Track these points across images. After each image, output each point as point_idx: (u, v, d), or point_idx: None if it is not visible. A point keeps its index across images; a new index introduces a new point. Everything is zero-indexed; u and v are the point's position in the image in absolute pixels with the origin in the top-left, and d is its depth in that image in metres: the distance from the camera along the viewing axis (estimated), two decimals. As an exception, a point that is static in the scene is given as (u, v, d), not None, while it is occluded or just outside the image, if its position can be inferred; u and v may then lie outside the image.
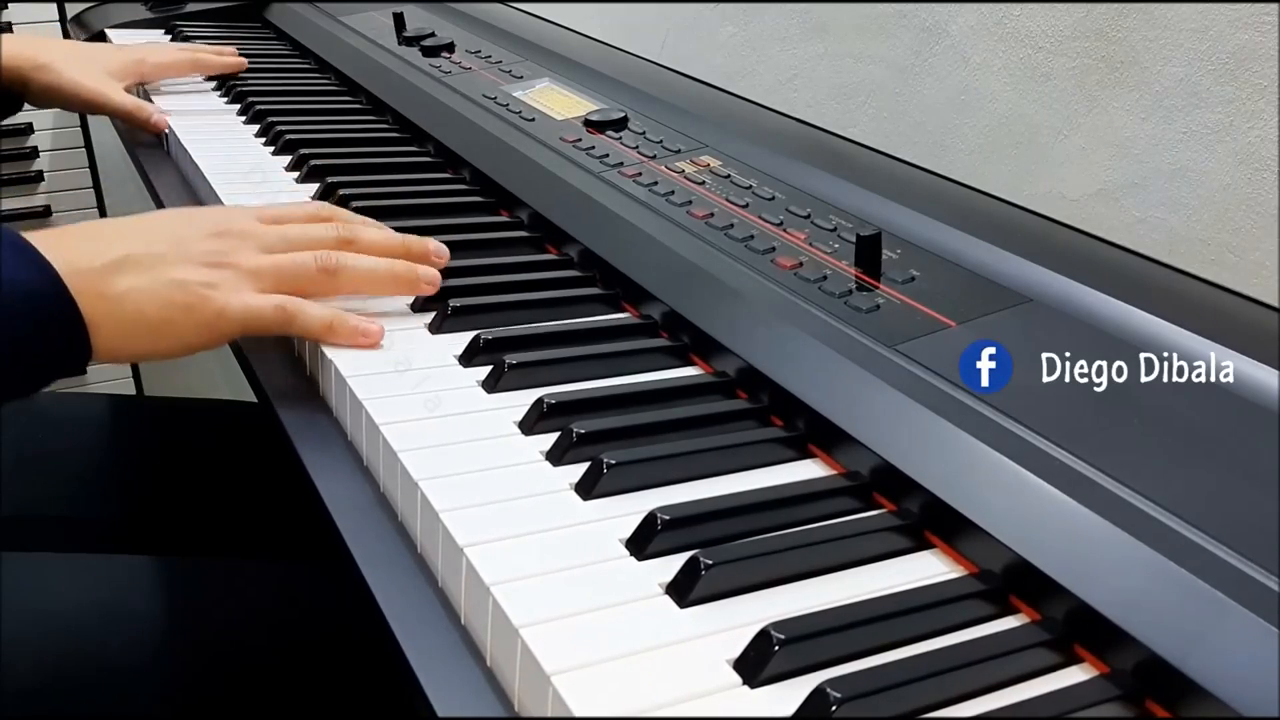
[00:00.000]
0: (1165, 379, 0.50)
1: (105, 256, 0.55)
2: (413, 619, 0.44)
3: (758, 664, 0.38)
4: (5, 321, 0.50)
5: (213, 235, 0.59)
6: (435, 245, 0.66)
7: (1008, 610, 0.43)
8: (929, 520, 0.46)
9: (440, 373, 0.57)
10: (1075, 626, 0.40)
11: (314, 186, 0.83)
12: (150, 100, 1.02)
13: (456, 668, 0.41)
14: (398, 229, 0.66)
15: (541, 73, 0.99)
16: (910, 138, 0.85)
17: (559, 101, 0.92)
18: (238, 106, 1.03)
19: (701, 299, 0.62)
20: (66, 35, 1.42)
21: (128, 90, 0.99)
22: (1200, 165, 0.66)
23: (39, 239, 0.53)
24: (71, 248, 0.54)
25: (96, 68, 0.98)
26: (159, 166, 0.94)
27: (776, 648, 0.38)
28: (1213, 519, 0.41)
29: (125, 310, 0.54)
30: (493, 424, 0.53)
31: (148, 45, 1.10)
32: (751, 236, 0.66)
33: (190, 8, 1.36)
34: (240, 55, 1.12)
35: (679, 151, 0.80)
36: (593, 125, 0.85)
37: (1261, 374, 0.49)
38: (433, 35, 1.12)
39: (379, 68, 1.08)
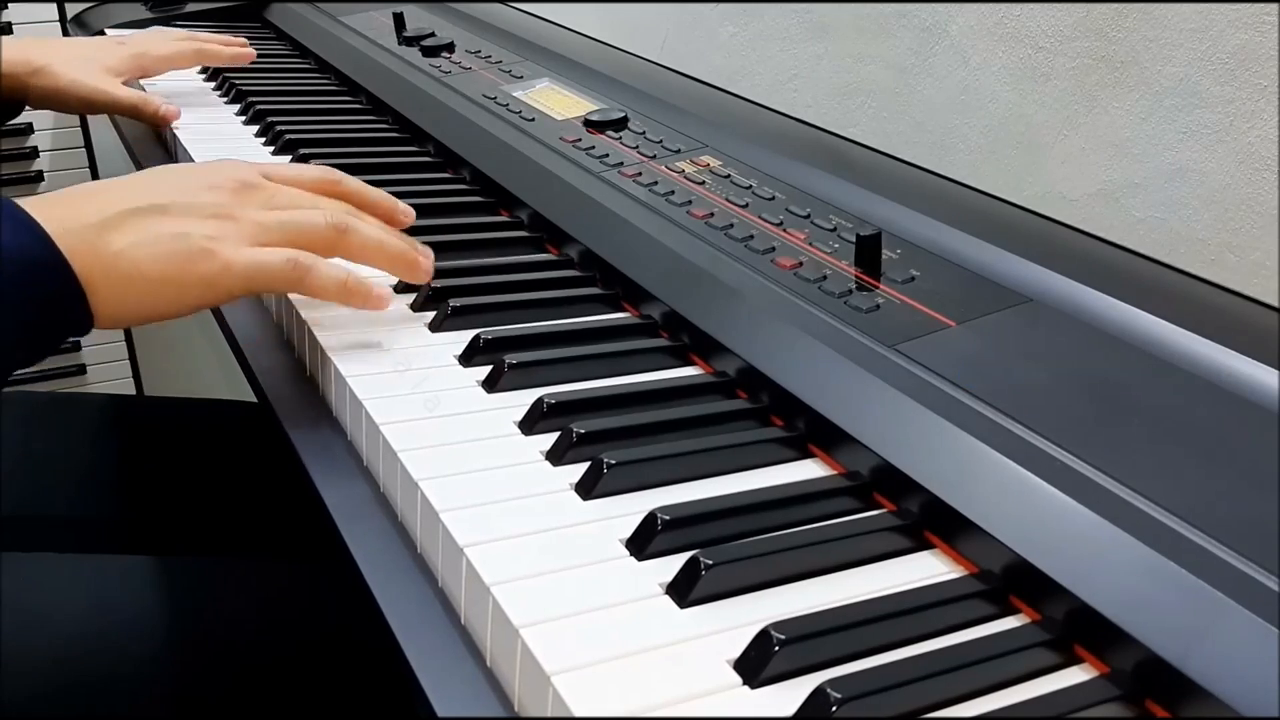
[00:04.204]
0: (1166, 379, 0.50)
1: (101, 214, 0.52)
2: (413, 619, 0.44)
3: (758, 664, 0.38)
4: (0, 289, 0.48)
5: (216, 188, 0.56)
6: (403, 206, 0.66)
7: (1008, 610, 0.43)
8: (929, 520, 0.46)
9: (440, 373, 0.57)
10: (1075, 626, 0.40)
11: (314, 186, 0.83)
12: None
13: (456, 667, 0.41)
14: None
15: (541, 73, 0.99)
16: (910, 138, 0.85)
17: (559, 101, 0.92)
18: (237, 106, 1.03)
19: (701, 299, 0.62)
20: (66, 35, 1.42)
21: (129, 85, 0.98)
22: (1200, 165, 0.66)
23: (34, 203, 0.52)
24: (65, 209, 0.52)
25: (95, 66, 0.96)
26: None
27: (777, 648, 0.38)
28: (1213, 519, 0.41)
29: (122, 268, 0.52)
30: (493, 424, 0.53)
31: (148, 35, 1.08)
32: (751, 236, 0.66)
33: (190, 8, 1.36)
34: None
35: (679, 151, 0.80)
36: (593, 125, 0.85)
37: (1261, 374, 0.49)
38: (433, 35, 1.12)
39: (379, 68, 1.08)
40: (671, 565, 0.43)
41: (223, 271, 0.54)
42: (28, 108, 0.99)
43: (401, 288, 0.66)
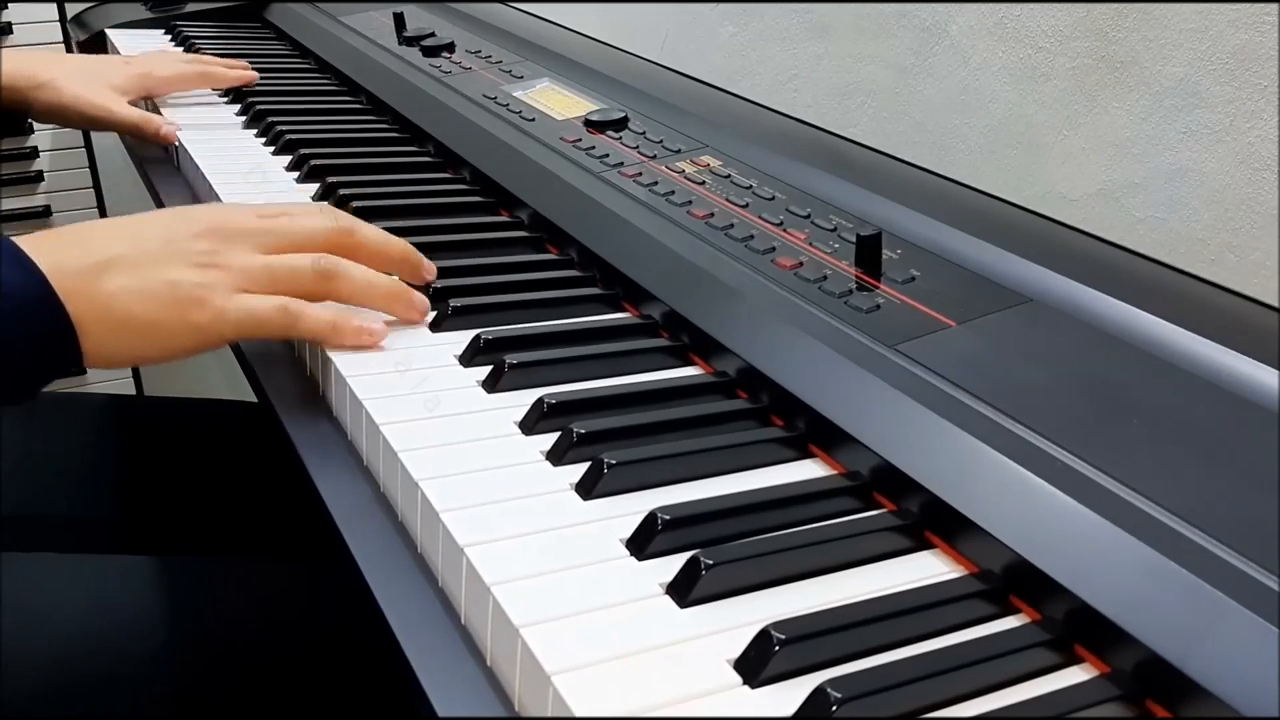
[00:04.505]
0: (1166, 379, 0.50)
1: (94, 257, 0.53)
2: (413, 619, 0.44)
3: (758, 664, 0.38)
4: None
5: (205, 234, 0.57)
6: (429, 264, 0.65)
7: (1008, 610, 0.43)
8: (929, 520, 0.46)
9: (440, 373, 0.57)
10: (1075, 626, 0.40)
11: (314, 186, 0.83)
12: (156, 110, 1.01)
13: (456, 667, 0.41)
14: (398, 229, 0.65)
15: (541, 73, 0.99)
16: (910, 138, 0.85)
17: (559, 101, 0.92)
18: (238, 107, 1.03)
19: (701, 299, 0.62)
20: (66, 35, 1.42)
21: (133, 104, 0.98)
22: (1200, 165, 0.66)
23: (28, 242, 0.52)
24: (60, 250, 0.53)
25: (100, 83, 0.96)
26: (160, 171, 0.94)
27: (777, 648, 0.38)
28: (1213, 519, 0.41)
29: (114, 312, 0.53)
30: (493, 424, 0.53)
31: (153, 56, 1.09)
32: (751, 236, 0.66)
33: (190, 8, 1.36)
34: (242, 58, 1.10)
35: (679, 151, 0.80)
36: (593, 125, 0.85)
37: (1261, 374, 0.49)
38: (433, 35, 1.12)
39: (379, 68, 1.08)
40: (671, 565, 0.43)
41: (214, 320, 0.55)
42: (31, 120, 1.00)
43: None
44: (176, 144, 0.93)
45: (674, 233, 0.68)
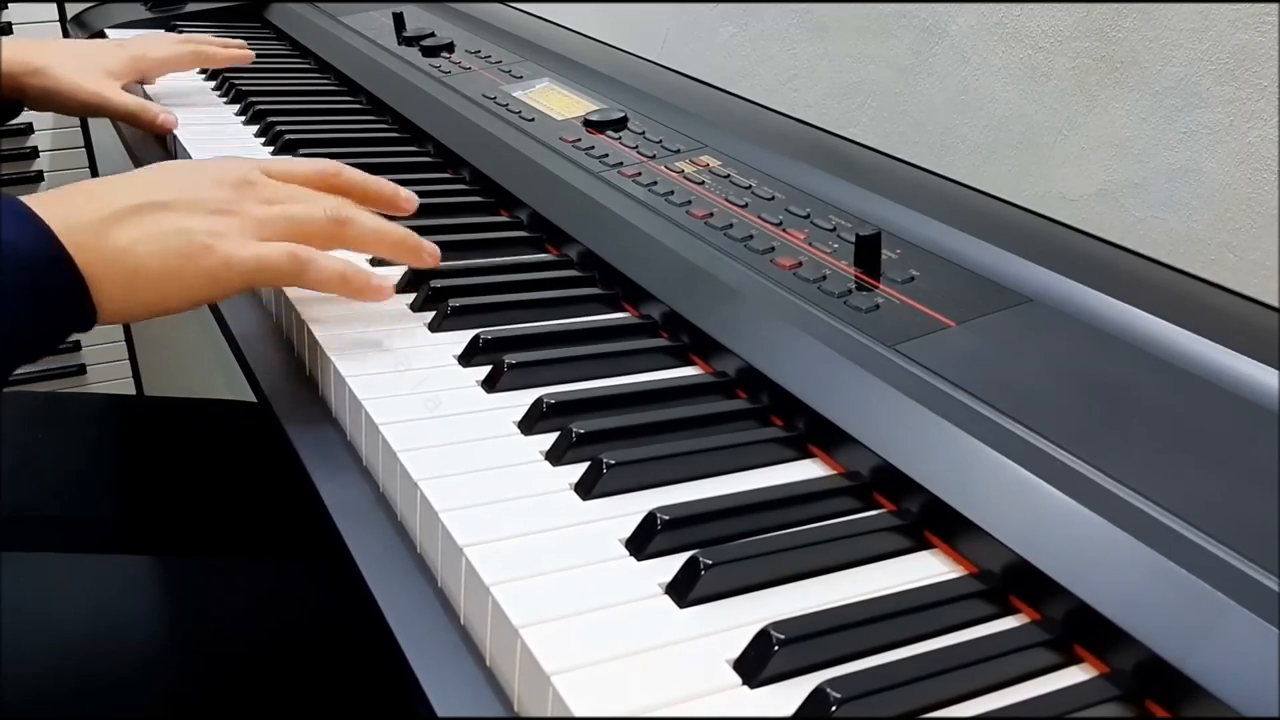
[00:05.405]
0: (1166, 379, 0.50)
1: (104, 210, 0.53)
2: (413, 619, 0.44)
3: (758, 664, 0.38)
4: (3, 285, 0.49)
5: (216, 184, 0.57)
6: (406, 192, 0.67)
7: (1008, 610, 0.43)
8: (929, 520, 0.46)
9: (440, 373, 0.57)
10: (1075, 626, 0.40)
11: (314, 186, 0.83)
12: (148, 98, 1.01)
13: (456, 667, 0.41)
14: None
15: (541, 73, 0.99)
16: (910, 138, 0.85)
17: (559, 101, 0.92)
18: (237, 106, 1.03)
19: (701, 299, 0.62)
20: (66, 36, 1.42)
21: (127, 88, 0.98)
22: (1200, 165, 0.66)
23: (36, 200, 0.52)
24: (68, 205, 0.53)
25: (95, 68, 0.96)
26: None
27: (776, 648, 0.38)
28: (1213, 519, 0.41)
29: (126, 263, 0.53)
30: (492, 424, 0.53)
31: (147, 38, 1.08)
32: (751, 236, 0.66)
33: (190, 8, 1.36)
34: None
35: (679, 151, 0.80)
36: (592, 125, 0.85)
37: (1261, 374, 0.49)
38: (433, 35, 1.12)
39: (379, 68, 1.08)
40: (671, 565, 0.43)
41: (224, 266, 0.55)
42: (26, 109, 0.99)
43: (400, 286, 0.66)
44: (174, 135, 0.93)
45: (673, 233, 0.68)
